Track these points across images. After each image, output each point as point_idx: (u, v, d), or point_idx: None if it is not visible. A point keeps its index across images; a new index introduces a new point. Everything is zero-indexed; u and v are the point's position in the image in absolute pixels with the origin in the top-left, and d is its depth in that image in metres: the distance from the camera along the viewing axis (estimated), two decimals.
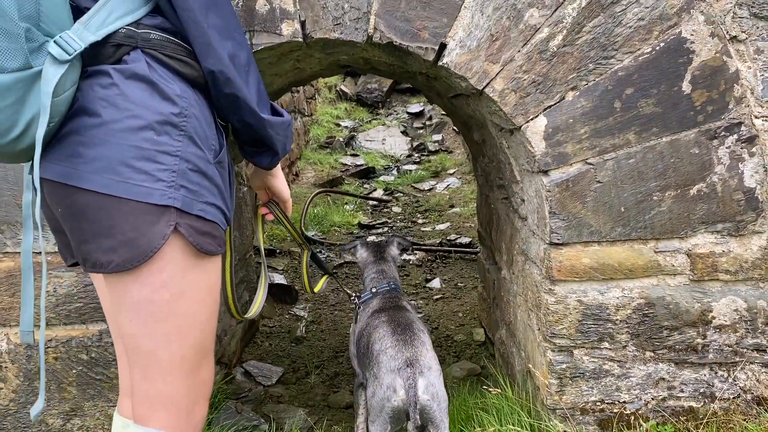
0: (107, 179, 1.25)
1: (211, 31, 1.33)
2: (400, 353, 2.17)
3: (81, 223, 1.30)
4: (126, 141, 1.26)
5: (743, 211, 2.18)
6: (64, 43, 1.23)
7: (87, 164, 1.26)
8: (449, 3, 2.13)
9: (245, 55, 1.41)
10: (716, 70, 2.13)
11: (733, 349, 2.24)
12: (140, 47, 1.32)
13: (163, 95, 1.30)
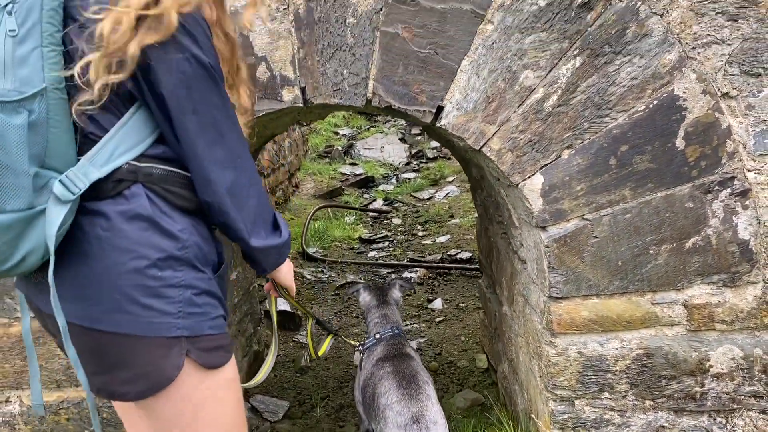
0: (118, 318, 1.30)
1: (211, 166, 1.36)
2: (406, 408, 2.22)
3: (95, 358, 1.34)
4: (132, 281, 1.30)
5: (738, 263, 2.23)
6: (69, 182, 1.25)
7: (96, 305, 1.30)
8: (445, 67, 2.17)
9: (246, 180, 1.43)
10: (709, 126, 2.17)
11: (730, 396, 2.29)
12: (141, 182, 1.34)
13: (165, 232, 1.34)
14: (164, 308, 1.32)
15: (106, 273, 1.29)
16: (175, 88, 1.29)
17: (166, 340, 1.33)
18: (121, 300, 1.29)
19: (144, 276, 1.30)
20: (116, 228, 1.30)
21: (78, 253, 1.31)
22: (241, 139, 1.44)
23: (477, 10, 2.12)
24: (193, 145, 1.34)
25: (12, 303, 2.29)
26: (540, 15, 2.11)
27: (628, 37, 2.12)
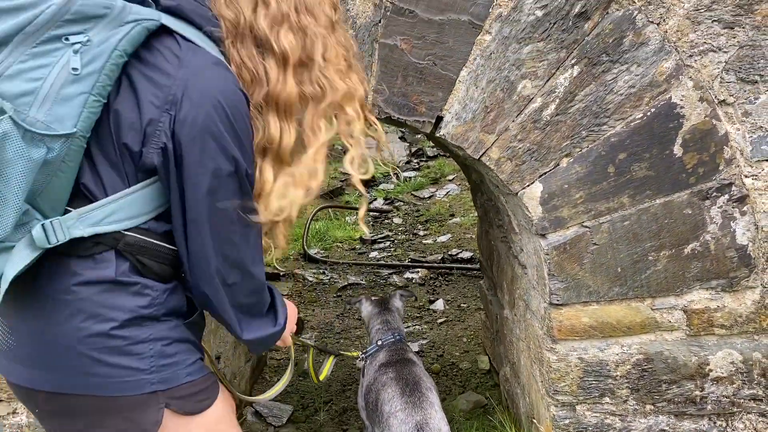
0: (86, 381, 1.25)
1: (219, 265, 1.30)
2: (410, 417, 2.25)
3: (70, 419, 1.30)
4: (97, 345, 1.24)
5: (736, 268, 2.25)
6: (51, 230, 1.19)
7: (62, 370, 1.25)
8: (444, 77, 2.18)
9: (251, 284, 1.37)
10: (706, 133, 2.19)
11: (730, 399, 2.32)
12: (119, 249, 1.27)
13: (131, 291, 1.27)
14: (135, 365, 1.27)
15: (68, 337, 1.24)
16: (204, 186, 1.25)
17: (141, 397, 1.28)
18: (88, 363, 1.24)
19: (109, 337, 1.25)
20: (79, 292, 1.24)
21: (36, 308, 1.25)
22: (256, 246, 1.36)
23: (475, 21, 2.14)
24: (203, 243, 1.28)
25: None
26: (537, 25, 2.13)
27: (625, 46, 2.14)
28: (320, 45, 1.33)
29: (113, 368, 1.25)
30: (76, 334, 1.24)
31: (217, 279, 1.31)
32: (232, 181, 1.27)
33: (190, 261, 1.30)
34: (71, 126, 1.16)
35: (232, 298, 1.35)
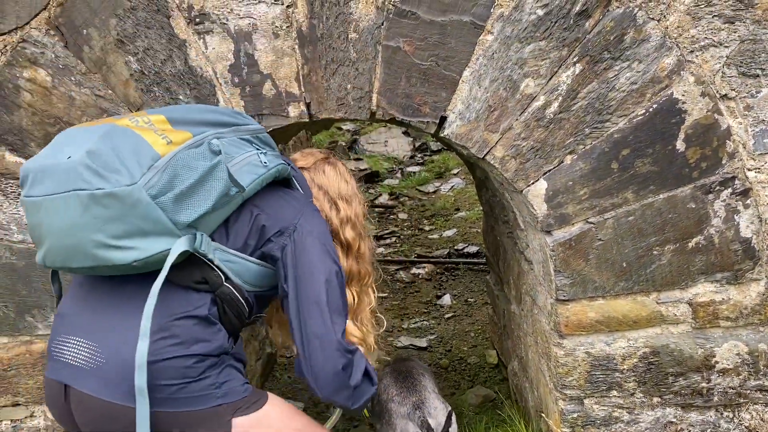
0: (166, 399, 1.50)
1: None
2: (407, 399, 2.33)
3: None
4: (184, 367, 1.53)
5: (741, 261, 2.27)
6: (203, 241, 1.54)
7: (169, 403, 1.51)
8: (447, 78, 2.21)
9: (350, 370, 1.64)
10: (708, 127, 2.20)
11: (736, 391, 2.34)
12: (216, 293, 1.61)
13: (213, 331, 1.59)
14: (207, 384, 1.55)
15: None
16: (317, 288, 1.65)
17: (213, 409, 1.55)
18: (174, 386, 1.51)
19: (192, 364, 1.53)
20: (177, 323, 1.55)
21: (131, 329, 1.48)
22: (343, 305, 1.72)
23: (477, 22, 2.16)
24: (305, 324, 1.62)
25: (33, 321, 2.35)
26: (539, 24, 2.15)
27: (626, 43, 2.15)
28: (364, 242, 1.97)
29: (191, 388, 1.53)
30: (137, 356, 1.44)
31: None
32: (338, 281, 1.71)
33: (295, 335, 1.67)
34: (246, 184, 1.62)
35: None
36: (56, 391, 1.59)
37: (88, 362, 1.52)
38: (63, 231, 1.44)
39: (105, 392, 1.49)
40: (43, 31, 2.16)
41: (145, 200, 1.41)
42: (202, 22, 2.16)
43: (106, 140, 1.44)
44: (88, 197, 1.39)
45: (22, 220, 2.27)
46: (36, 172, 1.48)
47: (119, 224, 1.42)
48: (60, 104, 2.20)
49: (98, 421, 1.53)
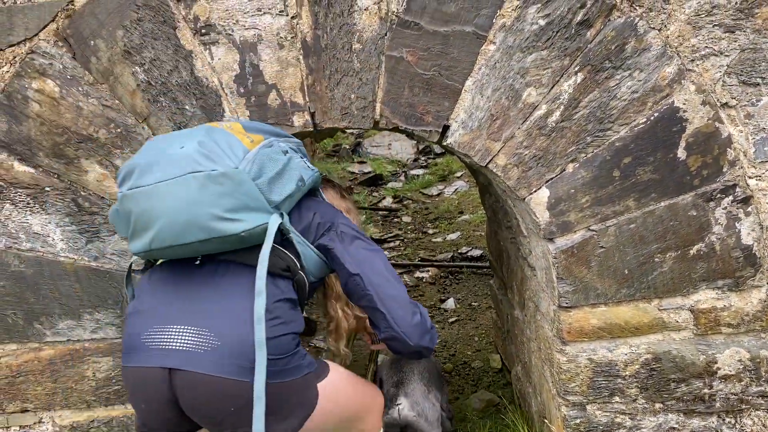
0: (277, 372, 1.75)
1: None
2: (391, 378, 2.49)
3: (248, 409, 1.68)
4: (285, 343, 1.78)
5: (742, 268, 2.29)
6: (287, 221, 1.86)
7: (277, 375, 1.75)
8: (450, 87, 2.23)
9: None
10: (709, 135, 2.22)
11: (738, 397, 2.36)
12: (294, 280, 1.91)
13: (297, 311, 1.90)
14: (297, 358, 1.83)
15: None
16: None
17: (304, 378, 1.84)
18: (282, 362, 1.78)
19: (290, 343, 1.80)
20: (278, 305, 1.81)
21: (237, 314, 1.75)
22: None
23: (479, 32, 2.18)
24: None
25: (41, 328, 2.38)
26: (540, 34, 2.17)
27: (627, 52, 2.17)
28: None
29: (290, 361, 1.80)
30: (253, 336, 1.69)
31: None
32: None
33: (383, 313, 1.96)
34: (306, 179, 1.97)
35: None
36: (154, 378, 1.73)
37: (200, 346, 1.70)
38: (179, 209, 1.66)
39: (223, 370, 1.68)
40: (52, 42, 2.19)
41: (247, 180, 1.70)
42: (207, 33, 2.19)
43: (210, 135, 1.75)
44: (205, 177, 1.66)
45: (30, 229, 2.30)
46: (144, 166, 1.71)
47: (230, 199, 1.68)
48: (68, 114, 2.23)
49: (211, 398, 1.72)
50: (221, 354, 1.69)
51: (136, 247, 1.75)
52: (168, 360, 1.71)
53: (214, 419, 1.77)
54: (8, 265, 2.32)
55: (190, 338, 1.71)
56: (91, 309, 2.36)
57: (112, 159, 2.26)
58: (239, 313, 1.73)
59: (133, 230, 1.74)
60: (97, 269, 2.34)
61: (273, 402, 1.71)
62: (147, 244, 1.72)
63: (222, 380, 1.69)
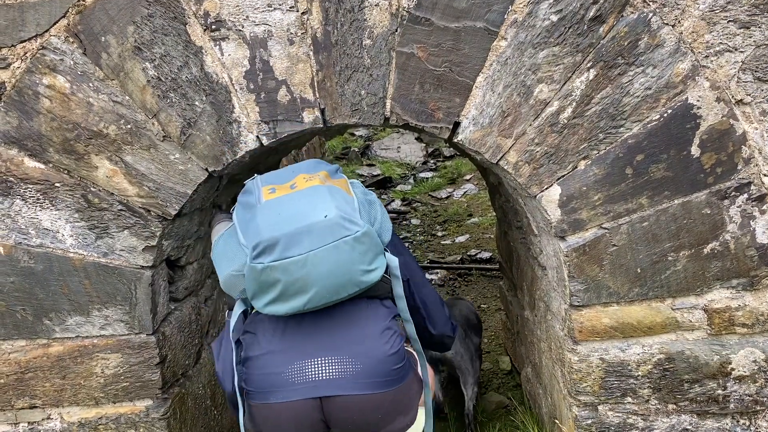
0: (401, 377, 1.97)
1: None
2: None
3: (395, 412, 1.96)
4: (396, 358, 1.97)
5: (757, 267, 2.25)
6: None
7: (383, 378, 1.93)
8: (461, 84, 2.21)
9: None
10: (724, 133, 2.19)
11: (753, 398, 2.32)
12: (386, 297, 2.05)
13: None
14: (406, 361, 2.00)
15: (382, 354, 1.93)
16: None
17: (412, 377, 2.03)
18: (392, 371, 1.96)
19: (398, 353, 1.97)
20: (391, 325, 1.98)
21: (367, 337, 1.94)
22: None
23: (490, 28, 2.16)
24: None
25: (50, 324, 2.38)
26: (553, 30, 2.15)
27: (640, 48, 2.15)
28: None
29: (400, 369, 1.97)
30: (387, 353, 1.92)
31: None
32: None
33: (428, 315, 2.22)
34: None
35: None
36: (305, 408, 1.90)
37: (344, 372, 1.90)
38: (335, 272, 1.83)
39: (368, 388, 1.90)
40: (63, 38, 2.19)
41: (374, 232, 1.90)
42: (218, 29, 2.18)
43: (333, 196, 1.90)
44: (353, 239, 1.83)
45: (40, 224, 2.30)
46: (289, 237, 1.82)
47: (370, 253, 1.87)
48: (78, 110, 2.23)
49: (362, 413, 1.93)
50: (365, 375, 1.90)
51: (281, 308, 1.86)
52: (318, 390, 1.89)
53: (364, 428, 1.98)
54: (18, 260, 2.32)
55: (334, 367, 1.90)
56: (100, 305, 2.36)
57: (122, 155, 2.26)
58: (369, 337, 1.94)
59: (279, 295, 1.85)
60: (107, 265, 2.33)
61: (398, 402, 1.99)
62: (301, 306, 1.85)
63: (370, 396, 1.91)
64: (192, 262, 2.70)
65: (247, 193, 2.07)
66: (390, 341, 1.95)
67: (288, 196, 1.97)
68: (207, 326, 2.82)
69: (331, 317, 1.96)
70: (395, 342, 1.96)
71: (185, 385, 2.59)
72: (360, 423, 1.97)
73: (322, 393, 1.89)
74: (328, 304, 1.90)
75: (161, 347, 2.41)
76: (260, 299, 1.88)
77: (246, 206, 2.02)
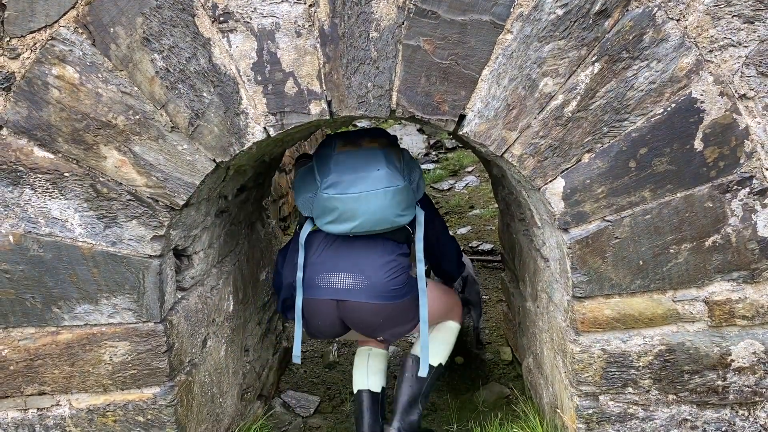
0: (392, 296, 2.82)
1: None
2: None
3: (393, 320, 2.86)
4: (397, 282, 2.84)
5: (758, 260, 2.28)
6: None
7: (382, 294, 2.79)
8: (466, 77, 2.23)
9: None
10: (726, 127, 2.21)
11: (752, 389, 2.35)
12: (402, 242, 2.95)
13: (408, 262, 2.93)
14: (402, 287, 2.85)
15: (382, 278, 2.80)
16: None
17: (411, 299, 2.88)
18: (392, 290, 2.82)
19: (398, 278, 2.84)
20: (397, 258, 2.86)
21: (376, 264, 2.81)
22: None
23: (496, 21, 2.18)
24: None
25: (59, 312, 2.41)
26: (558, 23, 2.17)
27: (645, 43, 2.17)
28: None
29: (398, 290, 2.82)
30: (387, 277, 2.79)
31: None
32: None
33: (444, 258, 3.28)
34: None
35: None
36: (327, 306, 2.85)
37: (356, 285, 2.78)
38: (376, 210, 2.62)
39: (372, 299, 2.77)
40: (72, 29, 2.21)
41: (411, 189, 2.73)
42: (226, 21, 2.20)
43: (386, 158, 2.71)
44: (394, 190, 2.63)
45: (49, 213, 2.33)
46: (350, 179, 2.64)
47: (404, 203, 2.68)
48: (87, 101, 2.25)
49: (366, 316, 2.83)
50: (370, 289, 2.76)
51: (336, 228, 2.70)
52: (337, 294, 2.82)
53: (368, 329, 2.91)
54: (27, 249, 2.35)
55: (350, 280, 2.79)
56: (108, 294, 2.39)
57: (131, 145, 2.28)
58: (379, 264, 2.78)
59: (336, 218, 2.67)
60: (115, 254, 2.36)
61: (396, 314, 2.85)
62: (349, 229, 2.68)
63: (371, 305, 2.78)
64: (198, 251, 2.73)
65: (325, 145, 2.86)
66: (392, 269, 2.78)
67: (355, 151, 2.74)
68: (213, 315, 2.85)
69: (358, 246, 2.80)
70: (397, 271, 2.79)
71: (192, 373, 2.62)
72: (365, 323, 2.86)
73: (339, 297, 2.81)
74: (366, 232, 2.69)
75: (169, 335, 2.44)
76: (322, 219, 2.73)
77: (324, 153, 2.81)
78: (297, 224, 3.10)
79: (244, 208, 3.29)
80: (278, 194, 6.16)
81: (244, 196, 3.18)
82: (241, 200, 3.18)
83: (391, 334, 2.94)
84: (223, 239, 3.04)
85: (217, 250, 2.97)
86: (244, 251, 3.34)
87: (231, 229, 3.14)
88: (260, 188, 3.55)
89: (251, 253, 3.46)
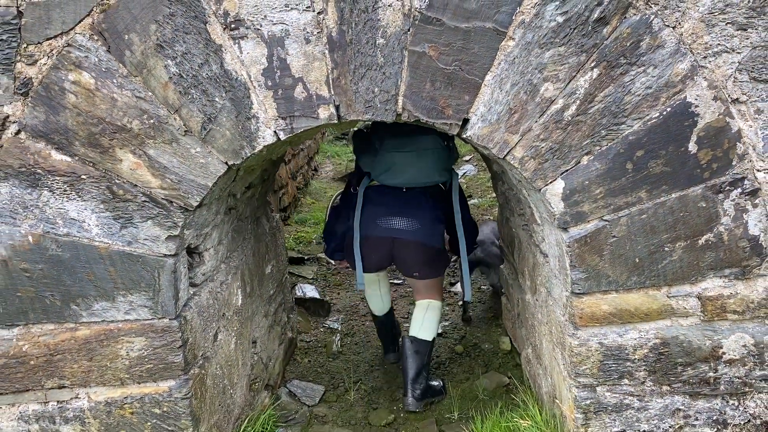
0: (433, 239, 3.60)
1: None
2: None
3: (429, 260, 3.60)
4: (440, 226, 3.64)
5: (749, 257, 2.38)
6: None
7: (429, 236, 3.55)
8: (470, 82, 2.32)
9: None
10: (720, 130, 2.30)
11: (742, 380, 2.47)
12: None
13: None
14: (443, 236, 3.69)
15: (431, 221, 3.55)
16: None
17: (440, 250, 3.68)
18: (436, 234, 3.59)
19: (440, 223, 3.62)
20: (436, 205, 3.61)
21: (423, 208, 3.55)
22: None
23: (499, 28, 2.26)
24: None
25: (78, 309, 2.50)
26: (558, 30, 2.25)
27: (642, 49, 2.25)
28: None
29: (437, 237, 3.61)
30: (433, 225, 3.56)
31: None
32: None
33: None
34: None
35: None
36: (385, 242, 3.54)
37: (409, 227, 3.49)
38: (422, 168, 3.42)
39: (421, 239, 3.50)
40: (87, 36, 2.28)
41: (446, 155, 3.50)
42: (237, 28, 2.27)
43: (434, 131, 3.17)
44: (434, 151, 3.43)
45: (67, 214, 2.41)
46: (405, 142, 3.40)
47: (442, 164, 3.50)
48: (103, 105, 2.32)
49: (413, 253, 3.55)
50: (421, 231, 3.48)
51: (391, 180, 3.48)
52: (393, 233, 3.50)
53: (410, 263, 3.61)
54: (46, 249, 2.44)
55: (404, 223, 3.48)
56: (124, 291, 2.48)
57: (146, 149, 2.36)
58: (427, 212, 3.52)
59: (391, 172, 3.44)
60: (131, 254, 2.45)
61: (431, 255, 3.59)
62: (401, 182, 3.47)
63: (420, 244, 3.51)
64: (209, 248, 2.82)
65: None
66: (436, 220, 3.54)
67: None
68: (223, 309, 2.94)
69: (408, 198, 3.52)
70: (438, 223, 3.56)
71: (204, 366, 2.72)
72: (410, 258, 3.58)
73: (396, 236, 3.51)
74: (414, 185, 3.48)
75: (183, 331, 2.53)
76: (378, 171, 3.49)
77: (379, 125, 3.42)
78: (348, 186, 3.85)
79: (250, 203, 3.38)
80: (278, 185, 6.24)
81: (250, 192, 3.27)
82: (248, 197, 3.27)
83: (423, 273, 3.63)
84: (231, 235, 3.13)
85: (226, 246, 3.06)
86: (250, 246, 3.43)
87: (238, 225, 3.23)
88: (265, 184, 3.63)
89: (257, 247, 3.55)
